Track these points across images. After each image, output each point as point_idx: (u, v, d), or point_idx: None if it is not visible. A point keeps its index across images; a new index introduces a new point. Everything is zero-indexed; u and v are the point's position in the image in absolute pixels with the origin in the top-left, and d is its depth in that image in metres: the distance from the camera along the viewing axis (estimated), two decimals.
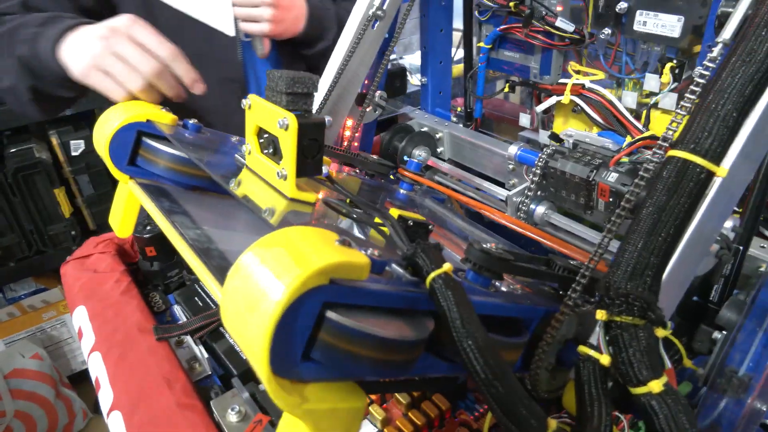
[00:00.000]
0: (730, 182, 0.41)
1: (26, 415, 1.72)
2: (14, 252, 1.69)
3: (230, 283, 0.33)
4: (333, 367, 0.34)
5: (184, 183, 0.61)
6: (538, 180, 0.72)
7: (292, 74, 0.47)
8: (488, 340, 0.34)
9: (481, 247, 0.44)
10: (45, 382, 1.76)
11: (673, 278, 0.43)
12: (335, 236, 0.35)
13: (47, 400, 1.75)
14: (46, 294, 1.83)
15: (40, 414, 1.74)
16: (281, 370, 0.31)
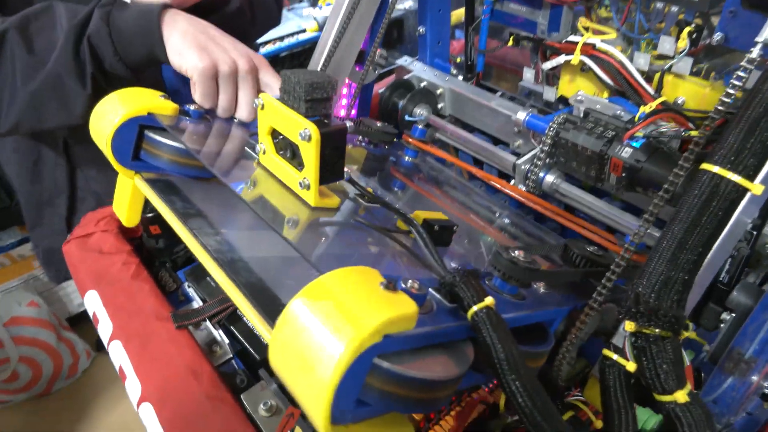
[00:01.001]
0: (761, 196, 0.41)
1: (31, 360, 1.76)
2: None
3: (281, 333, 0.34)
4: (383, 406, 0.35)
5: (191, 175, 0.59)
6: (548, 149, 0.72)
7: (310, 79, 0.44)
8: (531, 376, 0.35)
9: (510, 256, 0.44)
10: (45, 328, 1.78)
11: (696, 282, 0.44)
12: (379, 277, 0.35)
13: (49, 345, 1.78)
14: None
15: (44, 358, 1.78)
16: (337, 419, 0.32)
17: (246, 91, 0.65)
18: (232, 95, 0.65)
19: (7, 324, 1.71)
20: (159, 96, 0.58)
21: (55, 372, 1.81)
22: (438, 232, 0.48)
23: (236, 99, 0.66)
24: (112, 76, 0.73)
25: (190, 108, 0.59)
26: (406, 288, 0.37)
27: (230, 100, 0.65)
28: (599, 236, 0.64)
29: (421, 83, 0.94)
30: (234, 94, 0.65)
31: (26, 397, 1.80)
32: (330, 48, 0.75)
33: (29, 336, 1.75)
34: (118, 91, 0.58)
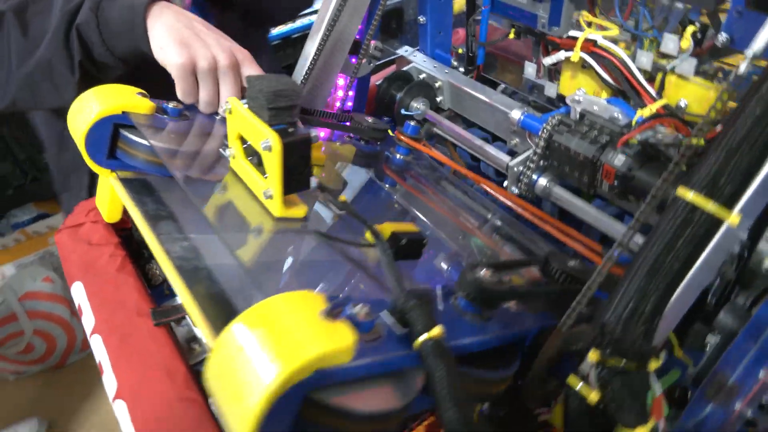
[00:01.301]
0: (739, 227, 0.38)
1: (45, 333, 1.81)
2: (10, 180, 1.69)
3: (216, 356, 0.33)
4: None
5: (169, 175, 0.58)
6: (540, 151, 0.69)
7: (273, 87, 0.43)
8: (469, 414, 0.34)
9: (474, 277, 0.43)
10: (59, 303, 1.83)
11: (668, 313, 0.42)
12: (321, 303, 0.34)
13: (64, 319, 1.83)
14: (50, 219, 1.84)
15: (59, 332, 1.83)
16: None
17: (227, 87, 0.64)
18: (212, 91, 0.64)
19: (22, 298, 1.76)
20: (136, 93, 0.57)
21: (69, 346, 1.86)
22: (405, 246, 0.47)
23: (219, 95, 0.64)
24: (103, 65, 0.73)
25: (168, 106, 0.58)
26: (352, 314, 0.36)
27: (211, 95, 0.64)
28: (588, 248, 0.61)
29: (420, 75, 0.91)
30: (214, 89, 0.64)
31: (41, 368, 1.86)
32: (322, 38, 0.73)
33: (44, 310, 1.79)
34: (96, 88, 0.57)
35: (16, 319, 1.75)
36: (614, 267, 0.55)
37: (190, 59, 0.62)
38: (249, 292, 0.41)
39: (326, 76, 0.77)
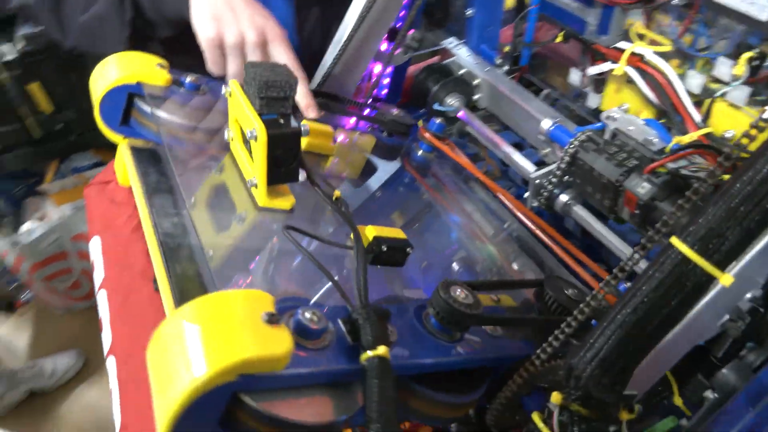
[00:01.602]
0: (734, 288, 0.34)
1: (91, 274, 1.91)
2: (74, 127, 1.77)
3: (155, 342, 0.33)
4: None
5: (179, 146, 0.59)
6: (565, 167, 0.65)
7: (266, 76, 0.42)
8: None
9: (447, 297, 0.41)
10: None
11: (649, 366, 0.38)
12: (268, 305, 0.34)
13: None
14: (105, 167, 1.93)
15: None
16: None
17: None
18: (239, 66, 0.64)
19: (74, 239, 1.86)
20: (156, 65, 0.57)
21: None
22: (386, 252, 0.46)
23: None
24: (152, 24, 0.74)
25: (185, 80, 0.58)
26: (301, 319, 0.35)
27: (237, 71, 0.64)
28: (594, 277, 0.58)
29: (460, 70, 0.88)
30: (242, 65, 0.64)
31: (86, 305, 1.97)
32: (356, 22, 0.71)
33: None
34: (118, 54, 0.58)
35: (66, 258, 1.86)
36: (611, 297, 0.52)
37: (217, 34, 0.62)
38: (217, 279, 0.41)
39: (357, 62, 0.75)
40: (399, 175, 0.78)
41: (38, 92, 1.70)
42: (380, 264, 0.46)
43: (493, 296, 0.50)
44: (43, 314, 1.97)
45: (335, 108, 0.68)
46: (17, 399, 1.64)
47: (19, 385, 1.63)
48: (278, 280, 0.44)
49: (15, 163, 1.82)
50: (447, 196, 0.76)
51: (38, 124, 1.77)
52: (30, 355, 1.84)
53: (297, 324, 0.35)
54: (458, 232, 0.75)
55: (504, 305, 0.51)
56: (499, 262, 0.71)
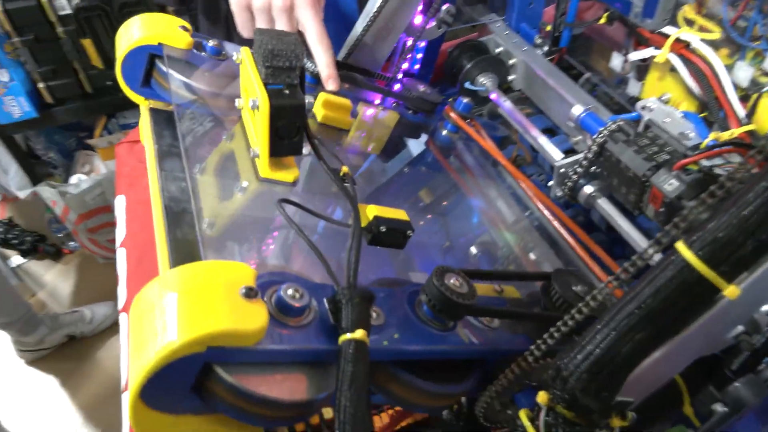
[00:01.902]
0: (746, 300, 0.32)
1: None
2: None
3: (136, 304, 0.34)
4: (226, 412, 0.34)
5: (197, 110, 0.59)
6: (592, 157, 0.62)
7: (272, 44, 0.41)
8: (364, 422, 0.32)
9: (440, 284, 0.39)
10: None
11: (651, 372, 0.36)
12: (248, 278, 0.33)
13: None
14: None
15: None
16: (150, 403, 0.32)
17: (281, 28, 0.62)
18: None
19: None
20: (178, 26, 0.57)
21: None
22: (385, 233, 0.44)
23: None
24: None
25: (207, 43, 0.58)
26: (283, 295, 0.34)
27: None
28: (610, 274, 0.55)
29: (496, 48, 0.84)
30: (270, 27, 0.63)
31: None
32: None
33: None
34: (143, 15, 0.58)
35: (110, 211, 1.93)
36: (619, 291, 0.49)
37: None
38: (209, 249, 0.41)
39: (387, 35, 0.73)
40: (422, 154, 0.76)
41: (90, 48, 1.75)
42: (379, 245, 0.45)
43: (497, 286, 0.49)
44: (86, 264, 2.06)
45: (360, 81, 0.66)
46: (57, 342, 1.74)
47: (60, 329, 1.72)
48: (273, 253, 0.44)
49: (68, 116, 1.89)
50: (470, 178, 0.74)
51: (90, 79, 1.82)
52: (72, 302, 1.94)
53: (278, 300, 0.34)
54: (479, 217, 0.73)
55: (507, 296, 0.49)
56: (516, 250, 0.69)
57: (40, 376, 1.72)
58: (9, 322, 1.57)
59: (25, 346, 1.70)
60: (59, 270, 2.06)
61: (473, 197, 0.71)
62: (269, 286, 0.36)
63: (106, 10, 1.63)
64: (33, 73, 1.74)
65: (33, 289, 1.96)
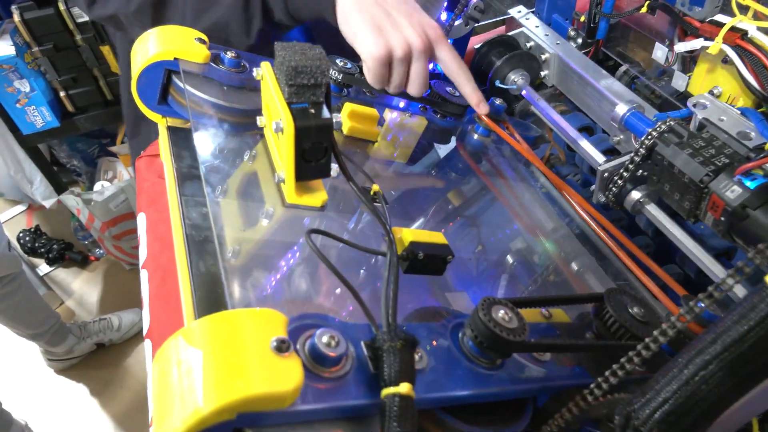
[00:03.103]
0: None
1: None
2: None
3: (158, 361, 0.31)
4: None
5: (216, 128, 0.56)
6: (639, 160, 0.57)
7: (296, 61, 0.37)
8: None
9: (488, 319, 0.36)
10: None
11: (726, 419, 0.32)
12: (279, 328, 0.30)
13: None
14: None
15: None
16: None
17: (417, 69, 0.60)
18: (404, 75, 0.60)
19: None
20: (194, 39, 0.54)
21: None
22: (423, 261, 0.41)
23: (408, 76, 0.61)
24: (279, 26, 0.71)
25: (225, 56, 0.55)
26: (317, 343, 0.31)
27: (402, 79, 0.60)
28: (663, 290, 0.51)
29: (527, 43, 0.80)
30: (406, 74, 0.60)
31: None
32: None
33: None
34: (158, 28, 0.55)
35: (134, 218, 1.93)
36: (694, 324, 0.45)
37: (386, 50, 0.57)
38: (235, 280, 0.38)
39: None
40: (451, 159, 0.72)
41: (109, 54, 1.74)
42: (416, 273, 0.42)
43: (545, 311, 0.45)
44: (112, 270, 2.07)
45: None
46: (86, 351, 1.75)
47: (88, 338, 1.73)
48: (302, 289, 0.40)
49: (89, 124, 1.89)
50: (503, 183, 0.69)
51: (110, 86, 1.82)
52: (99, 309, 1.95)
53: (313, 349, 0.31)
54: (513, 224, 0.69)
55: (556, 321, 0.45)
56: (556, 260, 0.65)
57: (69, 384, 1.73)
58: (39, 333, 1.58)
59: (54, 356, 1.71)
60: (86, 277, 2.08)
61: (507, 203, 0.67)
62: (301, 332, 0.32)
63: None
64: (53, 82, 1.74)
65: (61, 297, 1.98)
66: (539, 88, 0.82)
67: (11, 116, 1.70)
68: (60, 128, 1.79)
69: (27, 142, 1.79)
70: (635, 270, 0.52)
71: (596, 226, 0.57)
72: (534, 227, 0.66)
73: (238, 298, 0.36)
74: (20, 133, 1.75)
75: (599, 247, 0.62)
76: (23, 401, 1.66)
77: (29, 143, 1.80)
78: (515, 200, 0.66)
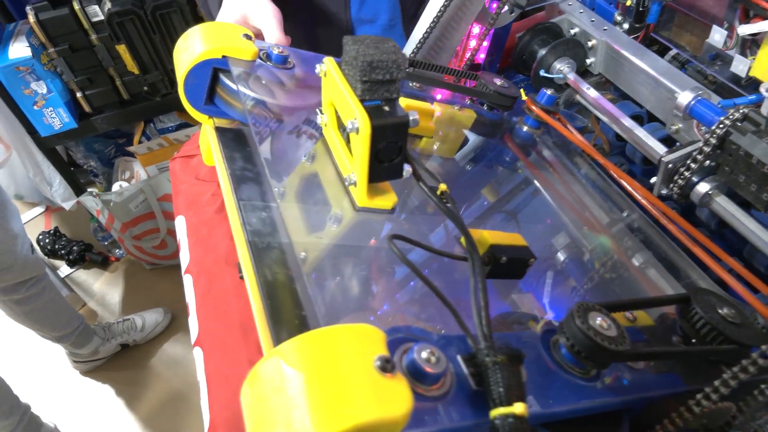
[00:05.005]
0: None
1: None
2: (158, 88, 1.78)
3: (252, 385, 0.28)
4: None
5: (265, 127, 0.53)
6: (709, 150, 0.54)
7: (370, 55, 0.35)
8: None
9: (586, 327, 0.33)
10: None
11: None
12: (379, 344, 0.28)
13: None
14: (189, 129, 1.95)
15: None
16: None
17: None
18: None
19: (160, 199, 1.91)
20: (241, 35, 0.52)
21: None
22: (506, 265, 0.39)
23: None
24: None
25: (272, 51, 0.52)
26: (417, 359, 0.29)
27: None
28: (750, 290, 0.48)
29: (571, 30, 0.77)
30: None
31: (171, 263, 2.05)
32: None
33: None
34: (202, 25, 0.53)
35: (154, 217, 1.92)
36: None
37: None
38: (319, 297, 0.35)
39: (457, 24, 0.66)
40: (499, 152, 0.70)
41: (125, 54, 1.72)
42: (495, 277, 0.39)
43: (629, 314, 0.42)
44: (133, 270, 2.06)
45: (430, 78, 0.60)
46: (111, 352, 1.74)
47: (113, 339, 1.72)
48: (379, 298, 0.38)
49: (106, 124, 1.87)
50: (555, 177, 0.67)
51: (126, 85, 1.80)
52: (122, 310, 1.94)
53: (412, 365, 0.29)
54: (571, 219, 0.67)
55: (641, 325, 0.43)
56: (616, 255, 0.62)
57: (95, 386, 1.73)
58: (64, 335, 1.58)
59: (79, 358, 1.71)
60: (107, 278, 2.07)
61: (561, 197, 0.64)
62: (394, 347, 0.30)
63: (138, 14, 1.59)
64: (70, 83, 1.72)
65: (83, 298, 1.97)
66: (583, 76, 0.79)
67: (29, 119, 1.68)
68: (78, 129, 1.77)
69: (45, 144, 1.78)
70: (715, 267, 0.49)
71: (667, 221, 0.54)
72: (593, 222, 0.63)
73: (324, 312, 0.34)
74: (38, 136, 1.73)
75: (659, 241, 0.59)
76: (50, 404, 1.66)
77: (47, 145, 1.79)
78: (570, 194, 0.64)
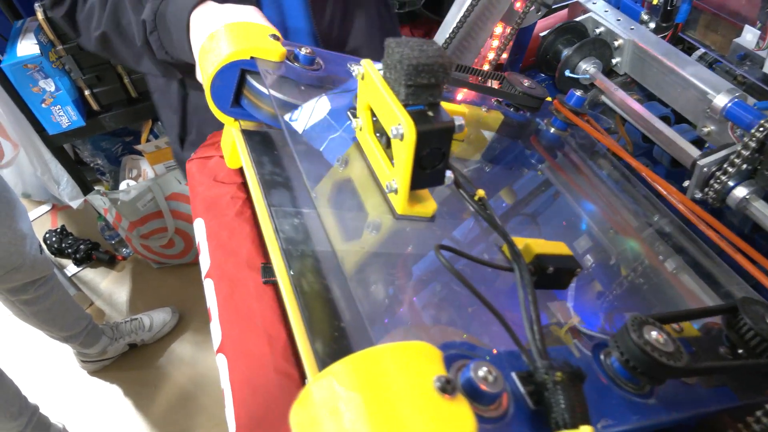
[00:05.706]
0: None
1: (185, 233, 1.96)
2: None
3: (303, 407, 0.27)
4: None
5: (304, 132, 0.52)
6: (748, 154, 0.53)
7: (415, 58, 0.33)
8: None
9: (642, 342, 0.32)
10: None
11: None
12: (437, 364, 0.27)
13: None
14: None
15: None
16: None
17: None
18: None
19: (168, 198, 1.90)
20: (268, 35, 0.50)
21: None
22: (552, 275, 0.37)
23: None
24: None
25: (300, 52, 0.51)
26: (474, 378, 0.28)
27: None
28: None
29: (596, 29, 0.75)
30: None
31: (179, 262, 2.04)
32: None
33: (185, 212, 1.93)
34: (230, 24, 0.51)
35: (161, 216, 1.91)
36: None
37: None
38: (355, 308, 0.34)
39: (483, 24, 0.65)
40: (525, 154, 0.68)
41: None
42: (541, 287, 0.38)
43: (676, 326, 0.41)
44: (140, 269, 2.05)
45: (458, 80, 0.59)
46: (119, 352, 1.73)
47: (121, 339, 1.71)
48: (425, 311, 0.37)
49: (114, 122, 1.86)
50: (583, 179, 0.65)
51: (134, 83, 1.79)
52: (129, 309, 1.93)
53: (468, 384, 0.28)
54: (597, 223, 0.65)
55: (688, 336, 0.41)
56: (647, 260, 0.61)
57: (103, 386, 1.72)
58: (72, 335, 1.57)
59: (87, 358, 1.70)
60: (114, 277, 2.06)
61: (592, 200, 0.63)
62: (449, 364, 0.29)
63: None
64: (78, 81, 1.70)
65: (90, 297, 1.96)
66: (608, 76, 0.77)
67: (37, 116, 1.67)
68: (86, 127, 1.76)
69: (53, 142, 1.76)
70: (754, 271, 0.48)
71: (705, 227, 0.52)
72: (624, 225, 0.62)
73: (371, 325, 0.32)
74: (46, 134, 1.72)
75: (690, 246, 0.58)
76: (59, 404, 1.66)
77: (55, 143, 1.78)
78: (600, 196, 0.62)
